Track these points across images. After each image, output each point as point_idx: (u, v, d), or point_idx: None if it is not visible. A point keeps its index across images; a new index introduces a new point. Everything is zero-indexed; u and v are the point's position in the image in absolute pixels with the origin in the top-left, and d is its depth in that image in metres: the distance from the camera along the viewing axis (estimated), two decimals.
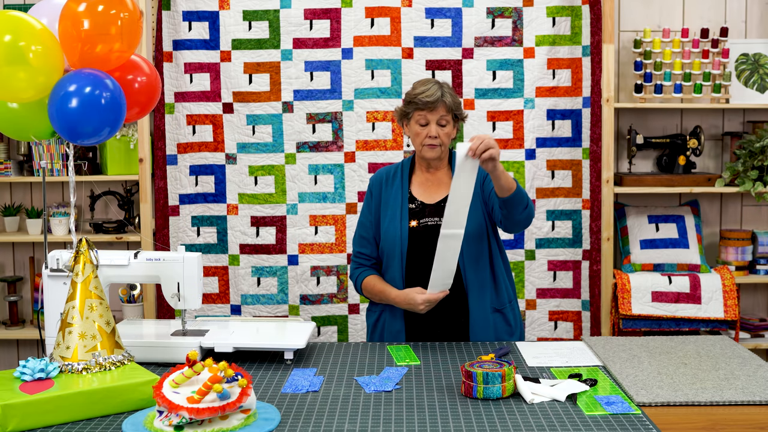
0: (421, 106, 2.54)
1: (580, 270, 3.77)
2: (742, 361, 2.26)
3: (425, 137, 2.56)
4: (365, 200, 2.73)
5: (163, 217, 3.75)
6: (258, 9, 3.69)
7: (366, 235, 2.69)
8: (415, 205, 2.64)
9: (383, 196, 2.67)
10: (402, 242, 2.59)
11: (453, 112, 2.57)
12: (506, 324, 2.63)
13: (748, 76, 3.87)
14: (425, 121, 2.56)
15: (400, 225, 2.60)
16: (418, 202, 2.64)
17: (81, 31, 2.14)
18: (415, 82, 2.64)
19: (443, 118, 2.55)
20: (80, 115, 2.12)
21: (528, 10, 3.69)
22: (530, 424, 1.80)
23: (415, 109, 2.56)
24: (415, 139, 2.60)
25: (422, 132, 2.57)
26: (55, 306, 2.27)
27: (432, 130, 2.56)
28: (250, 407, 1.81)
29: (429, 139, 2.56)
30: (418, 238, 2.59)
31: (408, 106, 2.59)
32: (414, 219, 2.62)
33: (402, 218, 2.61)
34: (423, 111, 2.54)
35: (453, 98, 2.57)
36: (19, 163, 3.92)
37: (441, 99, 2.53)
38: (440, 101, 2.53)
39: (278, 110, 3.71)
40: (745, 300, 4.04)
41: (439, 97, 2.53)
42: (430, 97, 2.52)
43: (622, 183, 3.77)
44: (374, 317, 2.71)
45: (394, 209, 2.63)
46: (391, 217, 2.62)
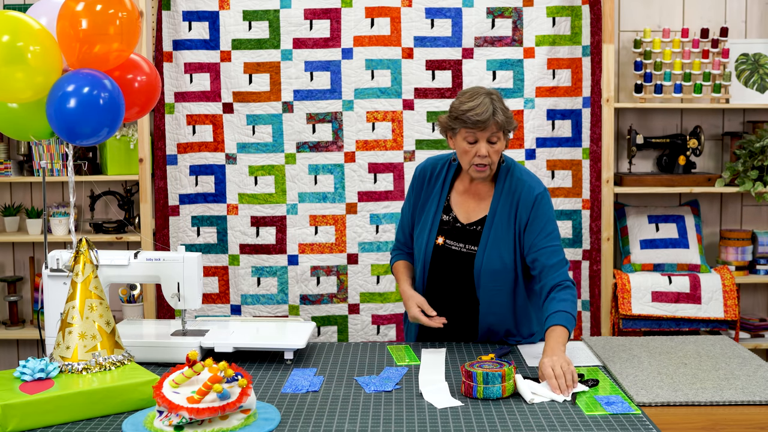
0: (470, 125, 2.31)
1: (580, 270, 3.77)
2: (742, 361, 2.26)
3: (474, 156, 2.36)
4: (409, 189, 2.61)
5: (163, 217, 3.75)
6: (258, 9, 3.69)
7: (404, 222, 2.65)
8: (448, 217, 2.50)
9: (424, 192, 2.55)
10: (426, 257, 2.51)
11: (504, 129, 2.36)
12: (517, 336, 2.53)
13: (748, 76, 3.87)
14: (474, 139, 2.34)
15: (428, 239, 2.50)
16: (452, 215, 2.50)
17: (79, 31, 2.14)
18: (461, 94, 2.40)
19: (494, 135, 2.34)
20: (78, 115, 2.12)
21: (528, 10, 3.69)
22: (530, 424, 1.80)
23: (463, 126, 2.34)
24: (463, 157, 2.39)
25: (471, 150, 2.36)
26: (55, 306, 2.27)
27: (482, 150, 2.34)
28: (250, 407, 1.81)
29: (478, 158, 2.35)
30: (438, 257, 2.50)
31: (455, 122, 2.36)
32: (442, 235, 2.49)
33: (431, 231, 2.50)
34: (472, 130, 2.32)
35: (505, 114, 2.35)
36: (19, 163, 3.92)
37: (492, 117, 2.31)
38: (491, 120, 2.31)
39: (278, 110, 3.71)
40: (745, 300, 4.04)
41: (490, 116, 2.30)
42: (480, 115, 2.29)
43: (622, 183, 3.77)
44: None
45: (427, 218, 2.52)
46: (422, 226, 2.53)
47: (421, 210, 2.56)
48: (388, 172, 3.70)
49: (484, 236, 2.45)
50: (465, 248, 2.47)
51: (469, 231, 2.48)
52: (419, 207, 2.57)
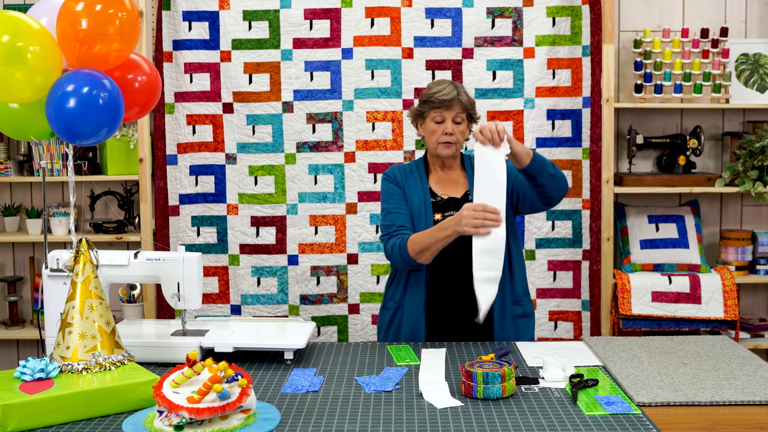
0: (437, 104, 2.60)
1: (580, 270, 3.77)
2: (742, 361, 2.26)
3: (441, 134, 2.61)
4: (387, 190, 2.68)
5: (163, 217, 3.75)
6: (258, 9, 3.69)
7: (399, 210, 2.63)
8: (437, 199, 2.66)
9: (406, 186, 2.67)
10: None
11: (468, 111, 2.64)
12: (525, 316, 2.67)
13: (748, 76, 3.87)
14: (441, 118, 2.61)
15: (425, 218, 2.61)
16: (440, 197, 2.66)
17: (79, 31, 2.13)
18: (429, 83, 2.72)
19: (458, 115, 2.61)
20: (78, 115, 2.12)
21: (528, 10, 3.69)
22: (530, 424, 1.80)
23: (431, 107, 2.61)
24: (431, 137, 2.64)
25: (438, 129, 2.62)
26: (55, 306, 2.27)
27: (448, 127, 2.60)
28: (250, 407, 1.81)
29: (445, 136, 2.61)
30: None
31: (424, 106, 2.64)
32: (438, 212, 2.63)
33: (426, 212, 2.63)
34: (439, 109, 2.60)
35: (468, 97, 2.64)
36: (19, 163, 3.92)
37: (457, 97, 2.60)
38: (456, 99, 2.60)
39: (278, 110, 3.71)
40: (745, 300, 4.04)
41: (455, 96, 2.59)
42: (446, 95, 2.59)
43: (622, 183, 3.77)
44: (390, 313, 2.68)
45: (417, 202, 2.64)
46: (416, 210, 2.63)
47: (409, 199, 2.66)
48: None
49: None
50: None
51: (462, 201, 2.64)
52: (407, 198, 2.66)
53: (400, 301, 2.65)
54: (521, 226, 3.73)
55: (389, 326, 2.68)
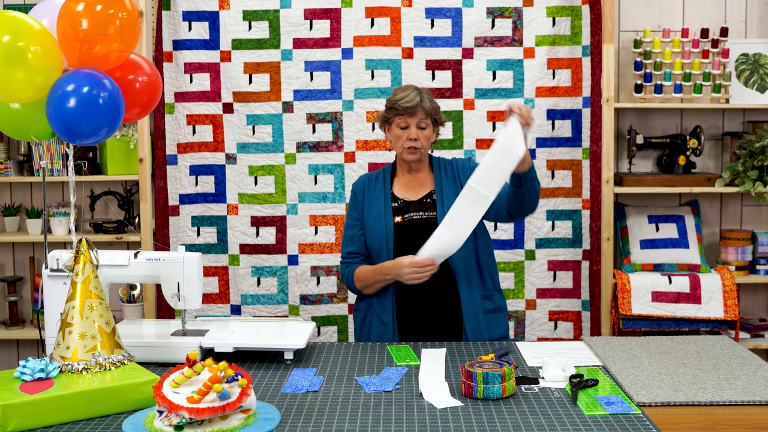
0: (401, 111, 2.65)
1: (580, 270, 3.77)
2: (742, 361, 2.26)
3: (406, 140, 2.66)
4: (350, 204, 2.81)
5: (163, 217, 3.75)
6: (258, 9, 3.69)
7: (352, 234, 2.76)
8: (398, 203, 2.73)
9: (366, 197, 2.76)
10: (387, 238, 2.67)
11: (432, 116, 2.68)
12: (496, 311, 2.71)
13: (748, 76, 3.87)
14: (405, 124, 2.66)
15: (385, 221, 2.68)
16: (401, 200, 2.73)
17: (79, 31, 2.13)
18: (395, 89, 2.79)
19: (423, 121, 2.66)
20: (78, 115, 2.12)
21: (528, 10, 3.69)
22: (530, 424, 1.80)
23: (396, 114, 2.66)
24: (397, 142, 2.70)
25: (403, 135, 2.67)
26: (55, 306, 2.27)
27: (412, 133, 2.66)
28: (250, 407, 1.81)
29: (409, 141, 2.66)
30: (403, 233, 2.67)
31: (389, 112, 2.70)
32: (398, 215, 2.70)
33: (386, 214, 2.69)
34: (403, 116, 2.65)
35: (432, 103, 2.68)
36: (19, 163, 3.92)
37: (420, 104, 2.64)
38: (419, 106, 2.64)
39: (278, 110, 3.71)
40: (745, 300, 4.04)
41: (418, 102, 2.64)
42: (409, 102, 2.64)
43: (622, 183, 3.77)
44: (361, 314, 2.75)
45: (378, 208, 2.71)
46: (376, 215, 2.70)
47: (369, 209, 2.74)
48: None
49: (438, 203, 2.69)
50: (423, 215, 2.68)
51: (422, 203, 2.72)
52: (365, 208, 2.75)
53: (370, 301, 2.71)
54: (521, 226, 3.73)
55: (362, 327, 2.74)
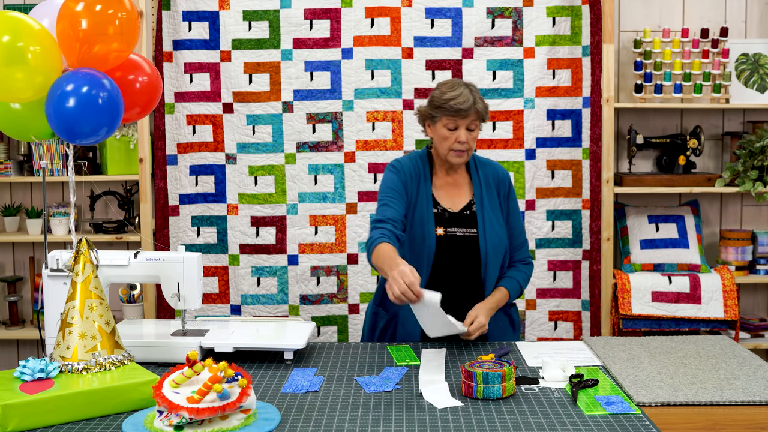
0: (451, 112, 2.45)
1: (580, 270, 3.76)
2: (742, 361, 2.26)
3: (454, 142, 2.49)
4: (393, 180, 2.53)
5: (163, 217, 3.75)
6: (258, 9, 3.69)
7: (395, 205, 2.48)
8: (438, 210, 2.57)
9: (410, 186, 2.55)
10: (429, 250, 2.51)
11: (482, 117, 2.51)
12: (511, 325, 2.69)
13: (748, 76, 3.87)
14: (454, 126, 2.48)
15: (427, 231, 2.52)
16: (441, 207, 2.57)
17: (79, 31, 2.13)
18: (441, 85, 2.54)
19: (473, 123, 2.49)
20: (77, 114, 2.12)
21: (528, 10, 3.69)
22: (530, 424, 1.80)
23: (444, 114, 2.47)
24: (442, 143, 2.51)
25: (450, 137, 2.49)
26: (55, 306, 2.27)
27: (461, 136, 2.48)
28: (250, 407, 1.81)
29: (458, 144, 2.48)
30: (445, 247, 2.53)
31: (436, 111, 2.49)
32: (440, 226, 2.54)
33: (428, 222, 2.53)
34: (453, 117, 2.46)
35: (483, 103, 2.51)
36: (19, 163, 3.92)
37: (473, 106, 2.46)
38: (472, 108, 2.46)
39: (278, 110, 3.71)
40: (745, 300, 4.04)
41: (471, 105, 2.46)
42: (462, 104, 2.44)
43: (622, 183, 3.77)
44: (384, 321, 2.63)
45: (420, 211, 2.54)
46: (418, 221, 2.53)
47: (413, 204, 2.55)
48: None
49: (479, 218, 2.57)
50: (467, 232, 2.55)
51: (463, 216, 2.59)
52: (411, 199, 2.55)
53: (396, 311, 2.59)
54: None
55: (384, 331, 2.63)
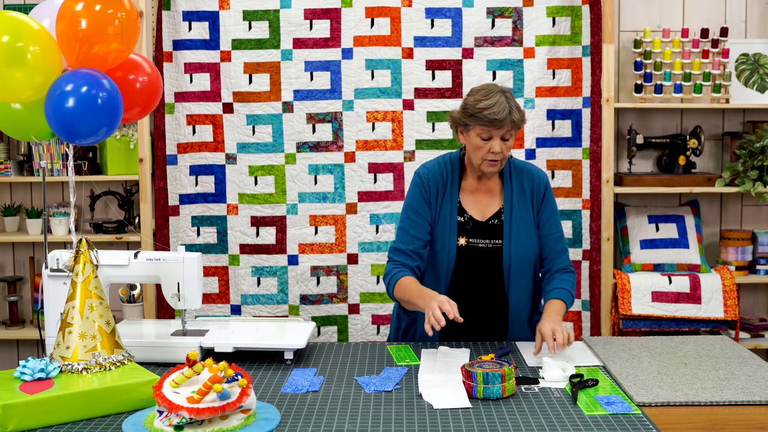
0: (486, 123, 2.34)
1: (580, 270, 3.76)
2: (742, 361, 2.26)
3: (487, 152, 2.38)
4: (416, 197, 2.50)
5: (163, 217, 3.75)
6: (258, 9, 3.69)
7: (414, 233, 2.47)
8: (464, 218, 2.50)
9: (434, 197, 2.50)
10: (449, 261, 2.48)
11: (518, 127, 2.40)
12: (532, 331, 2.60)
13: (748, 76, 3.87)
14: (488, 136, 2.37)
15: (449, 242, 2.47)
16: (468, 216, 2.50)
17: (78, 31, 2.13)
18: (475, 91, 2.43)
19: (508, 133, 2.38)
20: (77, 114, 2.12)
21: (528, 10, 3.69)
22: (530, 424, 1.80)
23: (478, 124, 2.36)
24: (475, 153, 2.41)
25: (484, 147, 2.38)
26: (55, 306, 2.27)
27: (496, 146, 2.37)
28: (250, 407, 1.81)
29: (491, 154, 2.38)
30: (464, 258, 2.49)
31: (470, 119, 2.38)
32: (462, 236, 2.49)
33: (450, 233, 2.47)
34: (488, 127, 2.35)
35: (520, 112, 2.38)
36: (19, 163, 3.92)
37: (509, 116, 2.34)
38: (508, 118, 2.34)
39: (278, 110, 3.71)
40: (745, 300, 4.04)
41: (507, 115, 2.33)
42: (497, 114, 2.33)
43: (622, 183, 3.77)
44: (405, 323, 2.61)
45: (443, 219, 2.48)
46: (441, 229, 2.49)
47: (437, 213, 2.51)
48: (388, 172, 3.70)
49: (506, 228, 2.49)
50: (491, 244, 2.49)
51: (489, 226, 2.51)
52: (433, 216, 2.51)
53: (416, 315, 2.57)
54: None
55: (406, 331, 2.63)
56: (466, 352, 2.37)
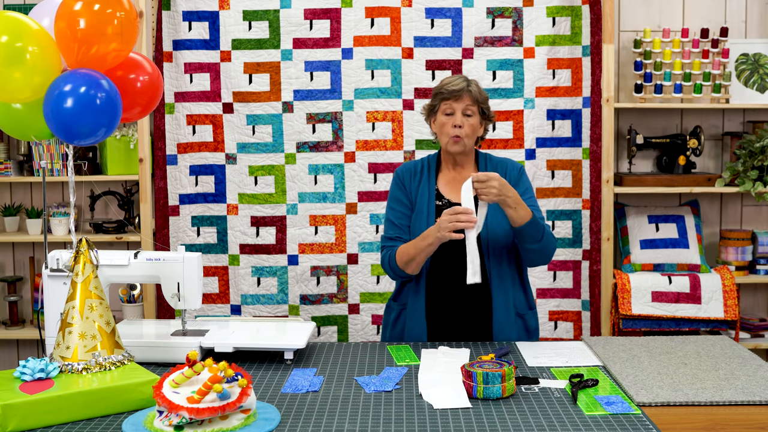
0: (447, 95, 2.57)
1: (580, 270, 3.76)
2: (742, 361, 2.26)
3: (450, 127, 2.57)
4: (395, 190, 2.69)
5: (163, 217, 3.75)
6: (258, 9, 3.69)
7: (399, 223, 2.64)
8: (442, 202, 2.62)
9: (412, 188, 2.66)
10: None
11: (479, 104, 2.59)
12: (526, 330, 2.64)
13: (748, 76, 3.87)
14: (451, 110, 2.57)
15: (427, 222, 2.58)
16: (446, 200, 2.63)
17: (77, 31, 2.13)
18: (443, 79, 2.70)
19: (469, 108, 2.57)
20: (75, 115, 2.11)
21: (528, 10, 3.69)
22: (530, 424, 1.80)
23: (442, 99, 2.59)
24: (441, 131, 2.60)
25: (447, 122, 2.58)
26: (55, 306, 2.27)
27: (457, 119, 2.56)
28: (250, 407, 1.81)
29: (454, 129, 2.56)
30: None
31: (434, 98, 2.62)
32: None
33: (429, 214, 2.60)
34: (449, 101, 2.57)
35: (480, 90, 2.60)
36: (19, 163, 3.92)
37: (467, 88, 2.57)
38: (466, 90, 2.57)
39: (278, 110, 3.71)
40: (745, 300, 4.04)
41: (464, 87, 2.57)
42: (456, 86, 2.56)
43: (622, 183, 3.77)
44: (394, 314, 2.68)
45: (421, 204, 2.62)
46: (418, 212, 2.61)
47: (413, 202, 2.64)
48: (388, 172, 3.70)
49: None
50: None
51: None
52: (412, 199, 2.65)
53: (404, 303, 2.65)
54: None
55: (394, 325, 2.68)
56: (466, 352, 2.37)
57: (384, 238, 2.67)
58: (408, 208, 2.65)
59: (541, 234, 2.50)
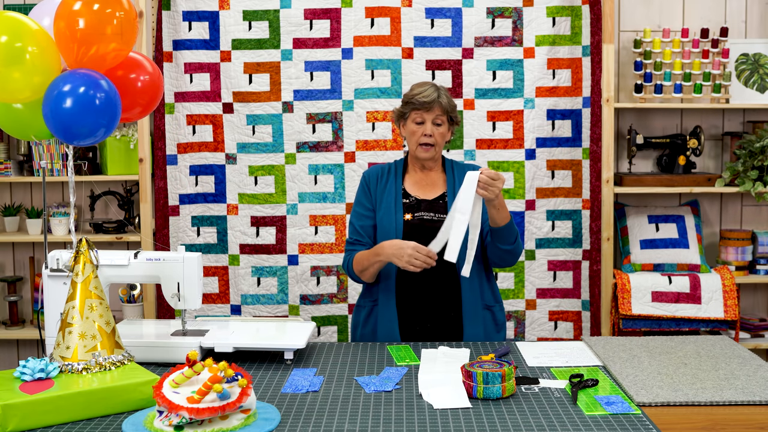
0: (417, 105, 2.64)
1: (580, 270, 3.76)
2: (742, 361, 2.26)
3: (421, 135, 2.65)
4: (359, 193, 2.77)
5: (163, 217, 3.75)
6: (258, 9, 3.69)
7: (362, 224, 2.72)
8: (409, 200, 2.70)
9: (378, 189, 2.73)
10: (396, 235, 2.64)
11: (448, 114, 2.67)
12: (494, 322, 2.71)
13: (748, 76, 3.87)
14: (421, 119, 2.65)
15: (395, 218, 2.66)
16: (413, 197, 2.71)
17: (77, 31, 2.13)
18: (413, 85, 2.75)
19: (438, 117, 2.65)
20: (74, 115, 2.11)
21: (528, 10, 3.69)
22: (530, 424, 1.80)
23: (412, 108, 2.65)
24: (411, 138, 2.68)
25: (418, 130, 2.65)
26: (55, 306, 2.27)
27: (427, 129, 2.64)
28: (250, 407, 1.81)
29: (424, 137, 2.64)
30: (413, 231, 2.64)
31: (405, 107, 2.69)
32: (409, 212, 2.68)
33: (396, 211, 2.67)
34: (420, 111, 2.64)
35: (449, 100, 2.68)
36: (19, 163, 3.92)
37: (437, 99, 2.64)
38: (436, 102, 2.64)
39: (278, 110, 3.71)
40: (745, 300, 4.04)
41: (435, 98, 2.63)
42: (426, 97, 2.63)
43: (622, 183, 3.77)
44: (365, 311, 2.73)
45: (388, 203, 2.69)
46: (386, 210, 2.68)
47: (379, 202, 2.71)
48: None
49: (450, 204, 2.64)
50: (436, 217, 2.64)
51: (434, 203, 2.70)
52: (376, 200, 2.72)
53: (375, 299, 2.70)
54: (521, 226, 3.73)
55: (365, 323, 2.73)
56: (466, 352, 2.37)
57: (347, 242, 2.77)
58: (371, 211, 2.72)
59: (515, 237, 2.60)
